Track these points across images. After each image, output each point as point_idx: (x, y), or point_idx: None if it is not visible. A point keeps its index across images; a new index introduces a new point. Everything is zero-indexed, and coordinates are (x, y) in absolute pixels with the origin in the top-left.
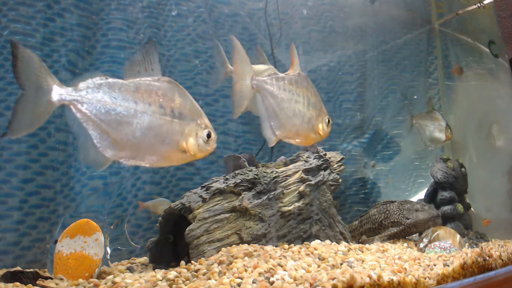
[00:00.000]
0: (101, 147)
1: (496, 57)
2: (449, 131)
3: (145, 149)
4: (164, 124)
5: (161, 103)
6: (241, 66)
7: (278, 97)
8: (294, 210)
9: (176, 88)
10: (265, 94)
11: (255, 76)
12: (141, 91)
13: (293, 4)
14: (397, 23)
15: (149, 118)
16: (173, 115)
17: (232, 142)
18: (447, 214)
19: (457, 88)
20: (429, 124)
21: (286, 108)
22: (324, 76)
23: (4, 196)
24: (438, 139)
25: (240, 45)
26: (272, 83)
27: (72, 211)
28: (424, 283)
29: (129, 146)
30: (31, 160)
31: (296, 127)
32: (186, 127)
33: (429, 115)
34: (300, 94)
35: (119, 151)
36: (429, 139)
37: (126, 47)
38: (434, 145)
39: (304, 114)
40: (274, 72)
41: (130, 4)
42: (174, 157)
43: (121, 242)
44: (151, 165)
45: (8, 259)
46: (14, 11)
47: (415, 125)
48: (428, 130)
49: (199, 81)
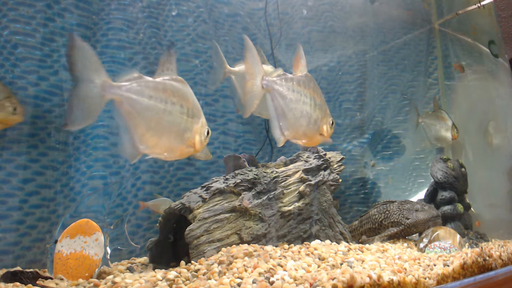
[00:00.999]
0: (135, 141)
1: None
2: (455, 130)
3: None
4: (182, 122)
5: (181, 103)
6: (252, 66)
7: (287, 98)
8: (294, 210)
9: (187, 88)
10: (275, 94)
11: (265, 76)
12: (168, 91)
13: (293, 4)
14: (397, 23)
15: (173, 116)
16: (187, 113)
17: (232, 142)
18: (447, 214)
19: (457, 88)
20: (435, 123)
21: (294, 109)
22: (324, 76)
23: (4, 196)
24: (444, 138)
25: (252, 45)
26: (282, 84)
27: (72, 211)
28: (424, 283)
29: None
30: (31, 160)
31: (303, 127)
32: (195, 125)
33: (435, 114)
34: (307, 95)
35: (149, 145)
36: (435, 138)
37: (126, 47)
38: (440, 144)
39: (311, 115)
40: (283, 73)
41: (130, 4)
42: (183, 151)
43: (121, 242)
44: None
45: (8, 259)
46: (14, 11)
47: (421, 123)
48: (434, 129)
49: (199, 81)
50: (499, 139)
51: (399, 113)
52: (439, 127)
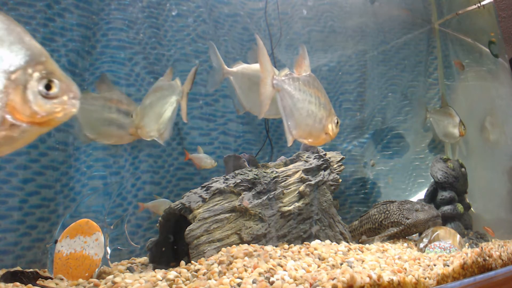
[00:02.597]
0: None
1: (496, 57)
2: (463, 127)
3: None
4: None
5: (318, 95)
6: (265, 66)
7: (294, 97)
8: (294, 210)
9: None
10: (284, 94)
11: (275, 76)
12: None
13: (293, 4)
14: (397, 23)
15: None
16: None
17: (232, 142)
18: (447, 214)
19: (457, 88)
20: (443, 119)
21: (301, 108)
22: (324, 76)
23: (4, 196)
24: (451, 134)
25: (263, 44)
26: (290, 83)
27: (72, 211)
28: (424, 283)
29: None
30: (31, 160)
31: (309, 127)
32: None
33: (443, 110)
34: (312, 95)
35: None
36: (443, 134)
37: (126, 47)
38: (448, 140)
39: (316, 114)
40: (289, 72)
41: (130, 4)
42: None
43: (121, 242)
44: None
45: (8, 259)
46: (14, 11)
47: (429, 119)
48: (442, 124)
49: (199, 81)
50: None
51: (399, 113)
52: (446, 123)
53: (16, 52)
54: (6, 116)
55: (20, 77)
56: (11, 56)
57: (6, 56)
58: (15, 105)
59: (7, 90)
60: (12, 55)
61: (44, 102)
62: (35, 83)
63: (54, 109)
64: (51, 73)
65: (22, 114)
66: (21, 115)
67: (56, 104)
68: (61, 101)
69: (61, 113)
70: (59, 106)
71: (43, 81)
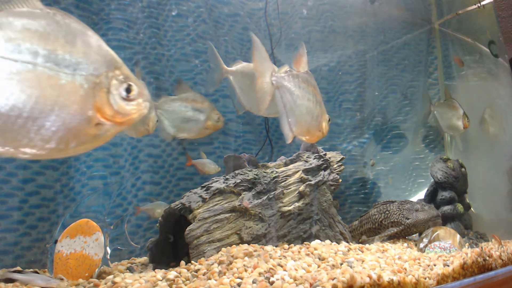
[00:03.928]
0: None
1: (496, 57)
2: (466, 119)
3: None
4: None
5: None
6: (261, 63)
7: (294, 94)
8: (294, 210)
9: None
10: (284, 90)
11: (274, 72)
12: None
13: (293, 4)
14: (397, 23)
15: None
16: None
17: (232, 142)
18: (447, 214)
19: (457, 88)
20: (447, 111)
21: (301, 105)
22: (324, 76)
23: (4, 196)
24: (456, 127)
25: (259, 42)
26: (290, 80)
27: (72, 211)
28: (424, 283)
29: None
30: (31, 160)
31: (307, 124)
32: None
33: (446, 103)
34: (310, 92)
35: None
36: (447, 126)
37: (126, 47)
38: (453, 132)
39: (313, 111)
40: (289, 69)
41: (130, 4)
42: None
43: (121, 242)
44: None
45: (8, 259)
46: None
47: (433, 112)
48: (446, 117)
49: (199, 81)
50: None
51: (399, 113)
52: (450, 116)
53: (100, 57)
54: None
55: (104, 80)
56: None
57: (92, 60)
58: (100, 106)
59: (94, 92)
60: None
61: (124, 104)
62: (117, 87)
63: (132, 110)
64: (128, 78)
65: (107, 114)
66: (106, 114)
67: (133, 105)
68: (137, 103)
69: (136, 113)
70: (135, 108)
71: (124, 85)
